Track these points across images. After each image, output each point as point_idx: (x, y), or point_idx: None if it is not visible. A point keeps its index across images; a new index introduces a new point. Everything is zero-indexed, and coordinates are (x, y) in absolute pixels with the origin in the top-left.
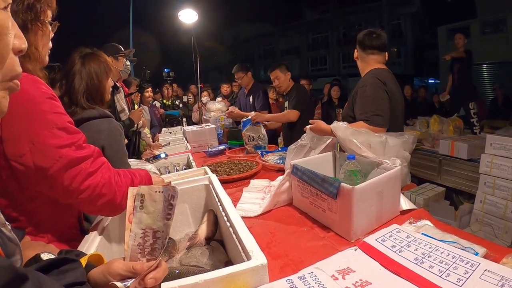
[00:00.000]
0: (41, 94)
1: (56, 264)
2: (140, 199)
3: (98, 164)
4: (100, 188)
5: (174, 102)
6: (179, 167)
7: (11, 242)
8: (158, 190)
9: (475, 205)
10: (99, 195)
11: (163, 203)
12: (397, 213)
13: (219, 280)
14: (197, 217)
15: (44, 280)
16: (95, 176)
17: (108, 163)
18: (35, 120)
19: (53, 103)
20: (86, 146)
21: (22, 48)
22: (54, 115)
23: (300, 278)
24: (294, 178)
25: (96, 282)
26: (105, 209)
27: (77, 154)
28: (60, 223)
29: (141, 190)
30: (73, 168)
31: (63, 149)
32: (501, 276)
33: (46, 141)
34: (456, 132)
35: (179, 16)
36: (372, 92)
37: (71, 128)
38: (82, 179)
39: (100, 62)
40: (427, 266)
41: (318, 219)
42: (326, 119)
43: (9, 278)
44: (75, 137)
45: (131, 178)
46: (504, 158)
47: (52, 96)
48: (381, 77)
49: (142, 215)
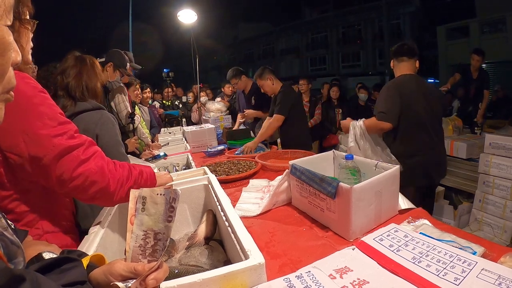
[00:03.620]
0: (31, 88)
1: (58, 263)
2: (142, 201)
3: (91, 152)
4: (92, 176)
5: (174, 102)
6: (178, 167)
7: (13, 244)
8: (159, 193)
9: (474, 205)
10: (92, 182)
11: (165, 206)
12: (396, 212)
13: (217, 279)
14: (196, 217)
15: (43, 280)
16: (88, 163)
17: (101, 152)
18: (28, 113)
19: (44, 96)
20: (78, 135)
21: (18, 61)
22: (45, 107)
23: (298, 277)
24: (293, 177)
25: (98, 282)
26: (98, 197)
27: (69, 143)
28: (54, 215)
29: (143, 193)
30: (66, 156)
31: (55, 138)
32: (498, 275)
33: (39, 131)
34: (455, 131)
35: (178, 16)
36: (382, 93)
37: (62, 119)
38: (74, 166)
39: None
40: (425, 265)
41: (317, 219)
42: (326, 119)
43: (5, 280)
44: (66, 127)
45: (128, 169)
46: (503, 157)
47: (41, 90)
48: (397, 80)
49: (144, 217)
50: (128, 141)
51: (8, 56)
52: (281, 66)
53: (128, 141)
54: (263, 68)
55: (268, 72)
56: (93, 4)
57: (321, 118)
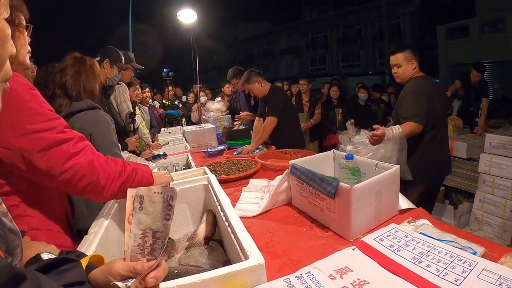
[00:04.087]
0: (21, 86)
1: (56, 264)
2: (139, 200)
3: (81, 146)
4: (82, 169)
5: (174, 102)
6: (178, 167)
7: (12, 233)
8: (156, 191)
9: (474, 204)
10: (81, 176)
11: (162, 204)
12: (396, 212)
13: (217, 279)
14: (196, 217)
15: (43, 279)
16: (78, 157)
17: (91, 147)
18: (17, 108)
19: (34, 93)
20: (68, 130)
21: (13, 52)
22: (34, 103)
23: (298, 277)
24: (293, 177)
25: (97, 282)
26: (88, 191)
27: (58, 137)
28: (42, 212)
29: (139, 192)
30: (54, 149)
31: (44, 132)
32: (499, 275)
33: (27, 126)
34: (455, 131)
35: (178, 16)
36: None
37: (51, 115)
38: (64, 159)
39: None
40: (425, 265)
41: (317, 219)
42: (326, 119)
43: (7, 278)
44: (55, 122)
45: (122, 165)
46: (503, 157)
47: (31, 87)
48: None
49: (142, 216)
50: (128, 140)
51: (7, 47)
52: (281, 66)
53: (129, 139)
54: (249, 71)
55: (255, 74)
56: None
57: (321, 118)
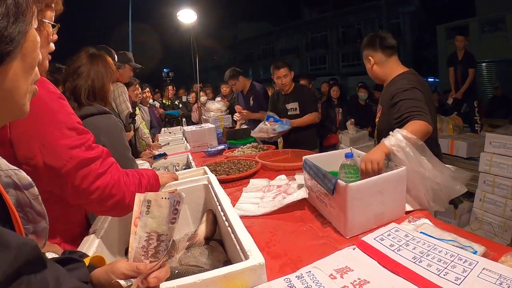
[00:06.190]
0: (50, 94)
1: (60, 263)
2: (147, 205)
3: (108, 164)
4: (110, 189)
5: (174, 102)
6: (178, 167)
7: (40, 216)
8: (164, 197)
9: (474, 204)
10: (109, 195)
11: (169, 208)
12: (402, 214)
13: (217, 279)
14: (196, 217)
15: (62, 272)
16: (105, 176)
17: (116, 164)
18: (45, 121)
19: (62, 103)
20: (95, 146)
21: (40, 59)
22: (63, 116)
23: (298, 277)
24: (305, 172)
25: (100, 281)
26: (114, 209)
27: (87, 155)
28: (69, 223)
29: (148, 196)
30: (83, 169)
31: (73, 150)
32: (499, 275)
33: (56, 142)
34: (455, 130)
35: (178, 16)
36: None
37: (81, 129)
38: (92, 179)
39: (107, 64)
40: (425, 264)
41: (322, 214)
42: (326, 118)
43: (33, 257)
44: (84, 138)
45: (138, 178)
46: (503, 156)
47: (60, 96)
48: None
49: (148, 220)
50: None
51: (37, 52)
52: None
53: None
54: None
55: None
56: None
57: (321, 117)
